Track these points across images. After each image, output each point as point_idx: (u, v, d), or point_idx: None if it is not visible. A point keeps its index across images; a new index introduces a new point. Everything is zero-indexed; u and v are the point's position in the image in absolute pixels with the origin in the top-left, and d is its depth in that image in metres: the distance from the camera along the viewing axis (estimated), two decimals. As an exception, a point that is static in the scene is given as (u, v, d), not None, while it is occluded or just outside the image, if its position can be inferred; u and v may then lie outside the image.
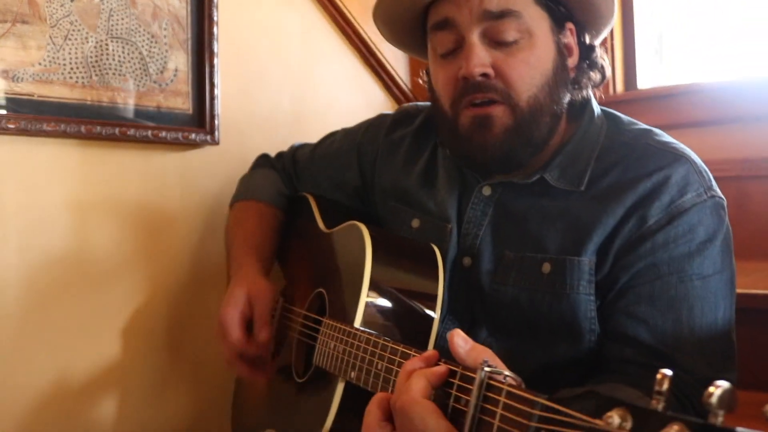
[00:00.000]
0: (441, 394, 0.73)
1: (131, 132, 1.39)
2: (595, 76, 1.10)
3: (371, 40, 1.85)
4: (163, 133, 1.44)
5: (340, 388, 0.99)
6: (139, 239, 1.43)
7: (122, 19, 1.39)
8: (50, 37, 1.29)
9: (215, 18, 1.51)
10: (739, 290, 1.52)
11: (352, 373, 0.95)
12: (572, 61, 1.08)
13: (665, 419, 0.51)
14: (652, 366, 0.92)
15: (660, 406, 0.53)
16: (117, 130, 1.37)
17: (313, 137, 1.51)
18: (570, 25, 1.07)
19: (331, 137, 1.47)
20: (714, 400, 0.50)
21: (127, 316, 1.42)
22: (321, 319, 1.11)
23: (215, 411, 1.54)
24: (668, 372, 0.54)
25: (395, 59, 1.93)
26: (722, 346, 0.97)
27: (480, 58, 1.00)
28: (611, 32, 2.27)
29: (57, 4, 1.29)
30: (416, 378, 0.73)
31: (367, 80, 1.91)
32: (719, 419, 0.50)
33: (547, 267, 1.02)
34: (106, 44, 1.37)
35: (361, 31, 1.82)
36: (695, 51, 2.26)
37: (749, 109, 1.96)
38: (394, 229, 1.23)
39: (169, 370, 1.49)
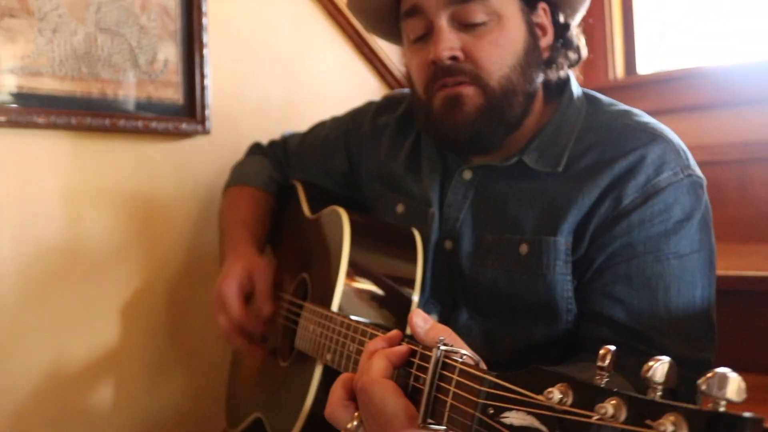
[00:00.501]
0: (403, 373, 0.74)
1: (122, 123, 1.40)
2: (572, 55, 1.10)
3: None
4: (154, 124, 1.45)
5: (318, 370, 1.00)
6: (132, 229, 1.45)
7: (111, 11, 1.40)
8: (39, 30, 1.30)
9: (204, 8, 1.51)
10: (734, 272, 1.51)
11: (328, 356, 0.96)
12: (546, 41, 1.07)
13: (604, 393, 0.51)
14: (629, 346, 0.93)
15: (603, 382, 0.54)
16: (108, 122, 1.38)
17: (306, 126, 1.52)
18: (543, 5, 1.06)
19: (321, 125, 1.48)
20: (652, 374, 0.50)
21: (122, 306, 1.43)
22: (303, 303, 1.12)
23: (210, 397, 1.56)
24: (611, 347, 0.54)
25: (389, 46, 1.92)
26: (700, 326, 0.96)
27: (448, 41, 1.00)
28: (611, 18, 2.26)
29: (45, -3, 1.31)
30: (377, 358, 0.73)
31: (361, 68, 1.91)
32: (658, 394, 0.50)
33: (524, 248, 1.02)
34: (95, 36, 1.38)
35: (353, 20, 1.82)
36: (697, 35, 2.23)
37: (750, 92, 1.94)
38: (380, 214, 1.24)
39: (164, 358, 1.51)
